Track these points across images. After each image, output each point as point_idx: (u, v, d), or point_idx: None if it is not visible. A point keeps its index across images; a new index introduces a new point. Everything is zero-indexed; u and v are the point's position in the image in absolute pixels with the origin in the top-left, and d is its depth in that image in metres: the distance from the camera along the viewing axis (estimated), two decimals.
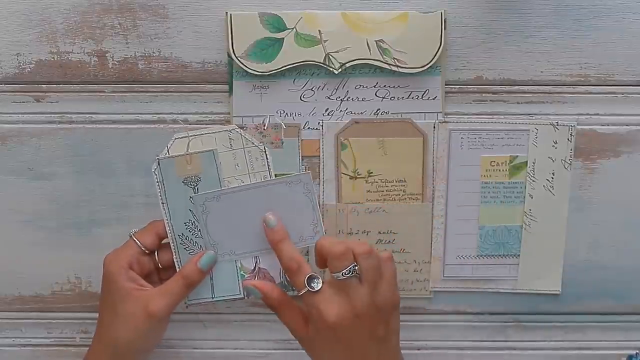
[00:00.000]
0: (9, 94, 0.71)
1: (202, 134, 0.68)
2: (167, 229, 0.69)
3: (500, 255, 0.75)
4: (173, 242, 0.69)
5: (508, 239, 0.74)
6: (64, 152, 0.73)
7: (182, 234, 0.68)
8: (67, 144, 0.73)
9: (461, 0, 0.68)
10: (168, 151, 0.68)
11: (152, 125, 0.72)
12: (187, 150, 0.67)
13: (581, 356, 0.79)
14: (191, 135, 0.68)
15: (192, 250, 0.69)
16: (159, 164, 0.67)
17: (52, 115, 0.72)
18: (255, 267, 0.70)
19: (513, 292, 0.76)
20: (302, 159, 0.72)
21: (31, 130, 0.72)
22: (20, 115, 0.72)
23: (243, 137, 0.68)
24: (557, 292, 0.76)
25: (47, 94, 0.71)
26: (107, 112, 0.72)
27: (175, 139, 0.68)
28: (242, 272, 0.70)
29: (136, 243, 0.68)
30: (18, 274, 0.77)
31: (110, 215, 0.75)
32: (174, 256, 0.69)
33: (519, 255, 0.75)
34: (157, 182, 0.68)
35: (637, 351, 0.78)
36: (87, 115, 0.72)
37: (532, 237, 0.74)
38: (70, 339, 0.79)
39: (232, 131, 0.68)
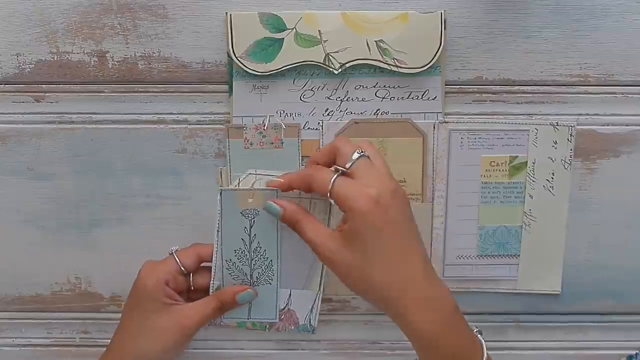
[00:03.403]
0: (8, 94, 0.71)
1: (272, 176, 0.68)
2: (215, 254, 0.70)
3: (500, 256, 0.75)
4: (219, 265, 0.70)
5: (508, 239, 0.74)
6: (64, 152, 0.73)
7: (230, 259, 0.69)
8: (67, 144, 0.73)
9: (461, 0, 0.68)
10: (239, 184, 0.69)
11: (152, 125, 0.72)
12: (252, 187, 0.68)
13: (581, 356, 0.79)
14: (262, 175, 0.68)
15: (236, 276, 0.70)
16: (221, 194, 0.67)
17: (52, 115, 0.72)
18: (285, 307, 0.72)
19: (513, 292, 0.76)
20: (302, 159, 0.72)
21: (31, 130, 0.72)
22: (20, 115, 0.72)
23: None
24: (557, 292, 0.76)
25: (47, 94, 0.71)
26: (107, 112, 0.72)
27: (249, 173, 0.69)
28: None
29: (177, 261, 0.69)
30: (18, 274, 0.77)
31: (110, 215, 0.75)
32: (212, 278, 0.70)
33: (519, 255, 0.75)
34: (219, 212, 0.68)
35: (637, 351, 0.78)
36: (87, 115, 0.72)
37: (532, 237, 0.74)
38: (70, 339, 0.80)
39: None
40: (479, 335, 0.63)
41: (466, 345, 0.62)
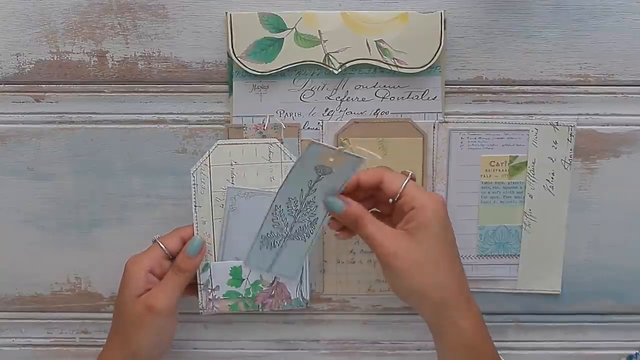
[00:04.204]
0: (8, 94, 0.71)
1: (244, 143, 0.68)
2: (195, 232, 0.69)
3: (500, 256, 0.75)
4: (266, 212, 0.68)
5: (508, 239, 0.74)
6: (64, 152, 0.73)
7: (280, 206, 0.67)
8: (67, 144, 0.73)
9: (461, 0, 0.68)
10: (209, 155, 0.68)
11: (152, 125, 0.72)
12: (339, 149, 0.65)
13: (581, 356, 0.79)
14: (234, 143, 0.68)
15: (276, 224, 0.68)
16: (309, 146, 0.64)
17: (52, 115, 0.72)
18: (274, 281, 0.71)
19: (513, 292, 0.76)
20: None
21: (31, 130, 0.72)
22: (20, 115, 0.72)
23: (282, 152, 0.69)
24: (557, 292, 0.76)
25: (46, 94, 0.71)
26: (107, 112, 0.72)
27: (218, 144, 0.68)
28: (260, 285, 0.71)
29: (161, 247, 0.68)
30: (18, 274, 0.77)
31: (110, 215, 0.75)
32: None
33: (519, 255, 0.75)
34: (194, 185, 0.68)
35: (637, 351, 0.78)
36: (87, 115, 0.72)
37: (532, 237, 0.74)
38: (70, 339, 0.80)
39: (273, 144, 0.69)
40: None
41: (496, 354, 0.66)
